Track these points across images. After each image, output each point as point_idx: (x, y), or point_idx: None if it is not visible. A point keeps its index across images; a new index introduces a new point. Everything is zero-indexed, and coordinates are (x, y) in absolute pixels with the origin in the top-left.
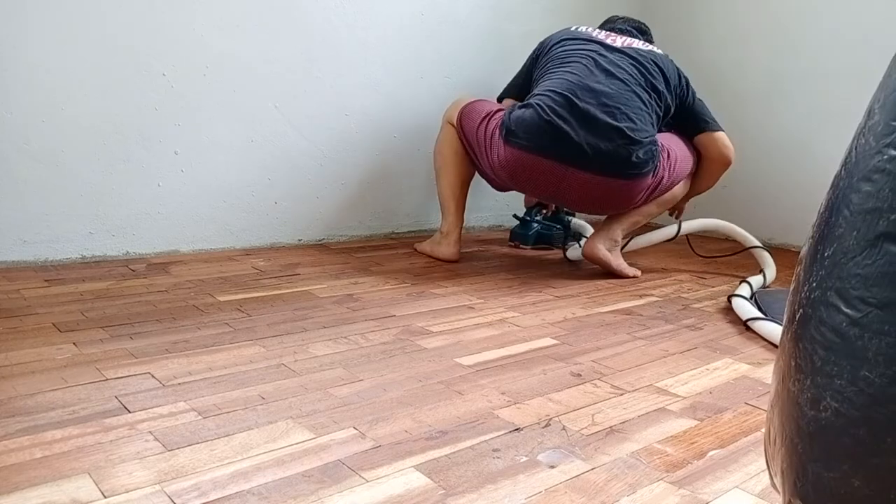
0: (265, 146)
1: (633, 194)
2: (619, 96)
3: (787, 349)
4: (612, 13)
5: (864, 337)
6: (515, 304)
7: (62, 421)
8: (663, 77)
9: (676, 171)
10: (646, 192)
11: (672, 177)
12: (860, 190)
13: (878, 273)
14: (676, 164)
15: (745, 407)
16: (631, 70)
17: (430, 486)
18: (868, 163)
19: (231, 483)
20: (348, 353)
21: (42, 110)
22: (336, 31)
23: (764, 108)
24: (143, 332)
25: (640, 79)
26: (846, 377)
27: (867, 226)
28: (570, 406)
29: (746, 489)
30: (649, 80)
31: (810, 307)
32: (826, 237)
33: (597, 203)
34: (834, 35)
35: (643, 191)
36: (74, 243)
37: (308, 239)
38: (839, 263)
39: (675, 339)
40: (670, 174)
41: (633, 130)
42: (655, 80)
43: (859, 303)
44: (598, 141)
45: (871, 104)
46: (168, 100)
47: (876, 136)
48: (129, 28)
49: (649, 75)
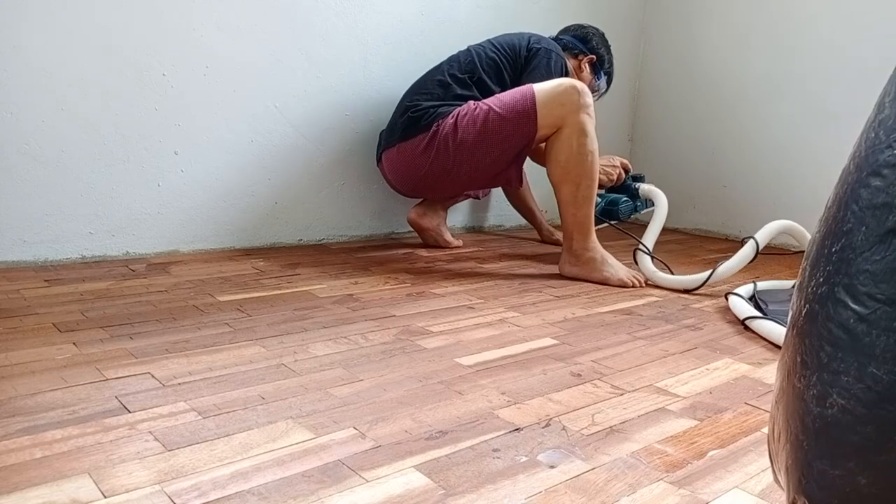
0: (265, 146)
1: (405, 159)
2: (424, 81)
3: (792, 345)
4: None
5: (872, 333)
6: (515, 304)
7: (62, 421)
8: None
9: (488, 131)
10: (419, 154)
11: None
12: (869, 185)
13: (887, 269)
14: (483, 124)
15: (745, 407)
16: (458, 57)
17: (430, 486)
18: (878, 157)
19: (231, 483)
20: (348, 353)
21: (42, 110)
22: (336, 31)
23: (763, 109)
24: (143, 332)
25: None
26: (853, 374)
27: (876, 221)
28: (570, 406)
29: (746, 489)
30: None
31: (817, 303)
32: (834, 232)
33: (400, 180)
34: (832, 36)
35: (412, 153)
36: (74, 243)
37: (308, 239)
38: (847, 259)
39: (675, 339)
40: (473, 134)
41: (417, 103)
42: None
43: (867, 299)
44: (393, 118)
45: (882, 98)
46: (168, 100)
47: (886, 131)
48: (129, 28)
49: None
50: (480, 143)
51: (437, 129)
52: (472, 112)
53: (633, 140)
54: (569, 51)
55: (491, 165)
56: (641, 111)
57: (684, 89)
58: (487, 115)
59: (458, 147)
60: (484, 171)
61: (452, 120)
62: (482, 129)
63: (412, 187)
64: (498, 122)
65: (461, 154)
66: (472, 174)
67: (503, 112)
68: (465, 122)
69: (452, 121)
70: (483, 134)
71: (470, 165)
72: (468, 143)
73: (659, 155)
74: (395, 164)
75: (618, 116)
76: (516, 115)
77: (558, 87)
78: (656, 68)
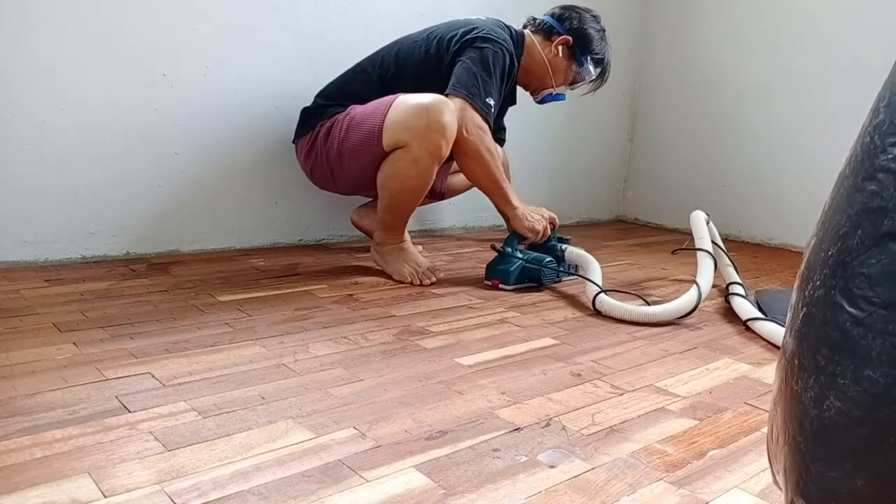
0: (265, 146)
1: (299, 158)
2: (337, 78)
3: (790, 348)
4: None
5: (868, 336)
6: (515, 304)
7: (62, 421)
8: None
9: (346, 145)
10: (305, 154)
11: (341, 150)
12: (865, 189)
13: (883, 272)
14: (346, 135)
15: (744, 407)
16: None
17: (430, 486)
18: (873, 161)
19: (231, 483)
20: (348, 353)
21: (42, 111)
22: (336, 31)
23: (763, 109)
24: (144, 332)
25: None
26: (850, 376)
27: (872, 225)
28: (570, 406)
29: (746, 489)
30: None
31: (814, 306)
32: (830, 236)
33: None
34: (832, 36)
35: (303, 151)
36: (74, 243)
37: (308, 239)
38: (843, 263)
39: (675, 339)
40: (337, 144)
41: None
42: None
43: (863, 302)
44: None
45: (877, 103)
46: (168, 100)
47: (881, 135)
48: (129, 28)
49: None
50: (344, 153)
51: (319, 129)
52: (342, 119)
53: (632, 140)
54: (541, 32)
55: (363, 175)
56: (641, 111)
57: (684, 89)
58: (349, 126)
59: (327, 152)
60: (362, 178)
61: (330, 124)
62: (343, 139)
63: (313, 183)
64: (353, 135)
65: (332, 160)
66: (352, 180)
67: (356, 126)
68: (336, 129)
69: (329, 125)
70: (344, 144)
71: (345, 172)
72: (334, 151)
73: (659, 155)
74: (297, 158)
75: (618, 116)
76: (365, 133)
77: (411, 108)
78: (656, 68)
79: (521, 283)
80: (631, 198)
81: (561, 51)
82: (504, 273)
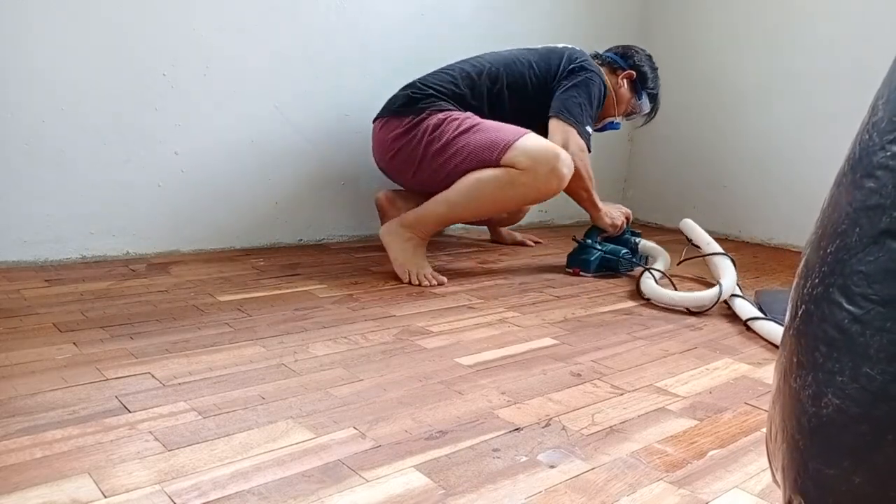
0: (265, 146)
1: (383, 136)
2: (443, 71)
3: (789, 345)
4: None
5: (866, 334)
6: (515, 304)
7: (62, 421)
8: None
9: (459, 142)
10: (397, 135)
11: (449, 144)
12: (863, 186)
13: (881, 270)
14: (462, 134)
15: (744, 407)
16: (488, 59)
17: (430, 486)
18: (871, 159)
19: (231, 483)
20: (348, 353)
21: (42, 111)
22: (336, 31)
23: (762, 109)
24: (144, 332)
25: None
26: (848, 374)
27: (870, 222)
28: (570, 406)
29: (746, 489)
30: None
31: (812, 303)
32: (829, 234)
33: (376, 153)
34: (831, 36)
35: (393, 130)
36: (74, 243)
37: (308, 239)
38: (842, 260)
39: (675, 339)
40: (447, 139)
41: (424, 87)
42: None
43: (861, 300)
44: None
45: (875, 101)
46: (168, 100)
47: (879, 133)
48: (129, 28)
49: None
50: (451, 147)
51: (426, 117)
52: (462, 118)
53: (632, 140)
54: (607, 66)
55: (452, 173)
56: None
57: (684, 89)
58: (471, 128)
59: (430, 141)
60: (445, 177)
61: (444, 116)
62: (457, 136)
63: (384, 165)
64: (477, 136)
65: (432, 149)
66: (438, 174)
67: (482, 130)
68: (452, 123)
69: (444, 117)
70: (457, 140)
71: (437, 164)
72: (439, 143)
73: (658, 155)
74: (377, 135)
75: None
76: (491, 139)
77: (548, 146)
78: None
79: (600, 272)
80: (631, 198)
81: (626, 84)
82: (585, 262)
